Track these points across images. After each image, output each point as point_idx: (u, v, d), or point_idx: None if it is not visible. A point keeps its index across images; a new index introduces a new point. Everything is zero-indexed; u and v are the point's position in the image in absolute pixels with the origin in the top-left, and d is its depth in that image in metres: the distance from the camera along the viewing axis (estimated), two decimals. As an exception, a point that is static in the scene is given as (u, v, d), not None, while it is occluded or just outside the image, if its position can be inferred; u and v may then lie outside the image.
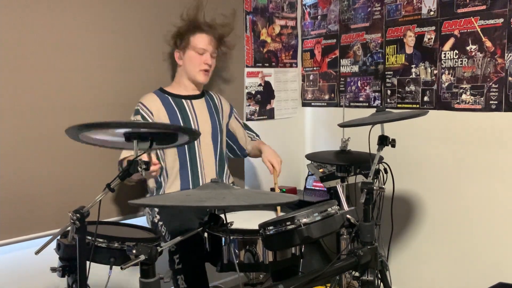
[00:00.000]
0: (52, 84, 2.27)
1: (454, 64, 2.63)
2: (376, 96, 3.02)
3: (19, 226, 2.20)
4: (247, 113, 3.15)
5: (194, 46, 2.41)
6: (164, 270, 1.55)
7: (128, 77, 2.51)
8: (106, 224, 1.96)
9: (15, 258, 2.27)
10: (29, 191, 2.22)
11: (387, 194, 2.28)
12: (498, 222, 2.52)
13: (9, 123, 2.16)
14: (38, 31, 2.22)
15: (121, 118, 2.38)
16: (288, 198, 1.60)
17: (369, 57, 3.04)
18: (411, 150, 2.84)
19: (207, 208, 1.86)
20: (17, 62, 2.17)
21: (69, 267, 1.66)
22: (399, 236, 2.94)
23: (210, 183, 1.59)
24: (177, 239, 1.59)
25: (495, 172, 2.52)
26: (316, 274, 1.61)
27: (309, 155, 2.63)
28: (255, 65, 3.17)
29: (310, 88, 3.44)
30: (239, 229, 1.84)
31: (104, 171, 2.40)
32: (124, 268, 1.40)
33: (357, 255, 1.70)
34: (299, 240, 1.63)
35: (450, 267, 2.74)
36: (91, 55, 2.38)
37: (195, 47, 2.41)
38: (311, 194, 3.13)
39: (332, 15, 3.25)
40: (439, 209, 2.77)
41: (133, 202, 1.52)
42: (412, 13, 2.79)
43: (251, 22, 3.11)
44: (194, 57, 2.41)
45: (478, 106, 2.56)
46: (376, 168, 2.00)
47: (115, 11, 2.45)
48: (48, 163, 2.27)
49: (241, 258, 1.84)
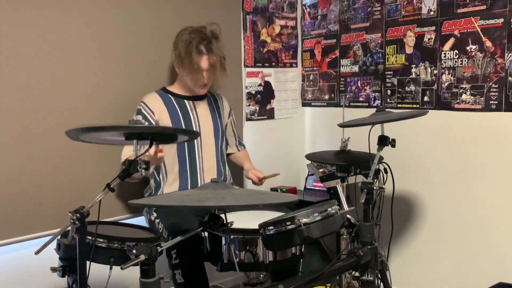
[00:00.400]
0: (53, 84, 2.27)
1: (454, 64, 2.63)
2: (376, 96, 3.02)
3: (19, 226, 2.20)
4: (247, 113, 3.15)
5: (192, 65, 2.32)
6: (164, 270, 1.55)
7: (130, 77, 2.51)
8: (106, 224, 1.96)
9: (15, 258, 2.27)
10: (29, 191, 2.22)
11: (387, 194, 2.28)
12: (498, 222, 2.52)
13: (9, 123, 2.16)
14: (38, 31, 2.21)
15: (123, 118, 2.37)
16: (288, 198, 1.60)
17: (369, 57, 3.04)
18: (411, 150, 2.84)
19: (207, 208, 1.86)
20: (17, 62, 2.17)
21: (69, 267, 1.66)
22: (399, 236, 2.94)
23: (210, 183, 1.59)
24: (177, 239, 1.59)
25: (495, 172, 2.52)
26: (316, 274, 1.61)
27: (309, 155, 2.63)
28: (255, 65, 3.17)
29: (310, 88, 3.44)
30: (239, 229, 1.84)
31: (104, 171, 2.40)
32: (124, 268, 1.40)
33: (357, 255, 1.70)
34: (299, 240, 1.63)
35: (450, 267, 2.74)
36: (92, 54, 2.38)
37: (193, 66, 2.32)
38: (311, 194, 3.13)
39: (332, 15, 3.25)
40: (439, 209, 2.77)
41: (133, 202, 1.52)
42: (412, 13, 2.79)
43: (251, 22, 3.11)
44: (191, 74, 2.35)
45: (478, 106, 2.56)
46: (376, 168, 2.00)
47: (116, 10, 2.45)
48: (48, 163, 2.27)
49: (241, 257, 1.84)
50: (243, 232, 1.84)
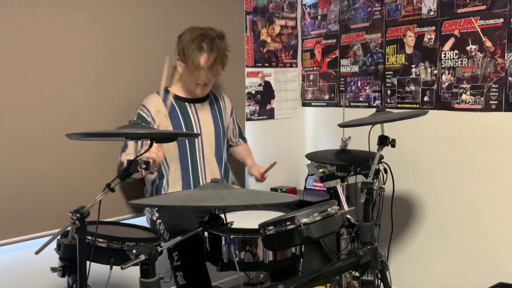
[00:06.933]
0: (53, 84, 2.27)
1: (454, 64, 2.63)
2: (376, 96, 3.02)
3: (19, 226, 2.20)
4: (247, 113, 3.15)
5: (192, 62, 2.32)
6: (164, 270, 1.55)
7: (131, 77, 2.51)
8: (106, 224, 1.96)
9: (15, 258, 2.27)
10: (29, 191, 2.22)
11: (387, 194, 2.27)
12: (498, 222, 2.52)
13: (9, 123, 2.16)
14: (39, 32, 2.21)
15: (124, 117, 2.36)
16: (288, 198, 1.60)
17: (369, 57, 3.04)
18: (411, 150, 2.84)
19: (207, 208, 1.86)
20: (18, 62, 2.17)
21: (69, 267, 1.66)
22: (399, 236, 2.94)
23: (210, 183, 1.59)
24: (177, 239, 1.59)
25: (495, 172, 2.52)
26: (316, 274, 1.62)
27: (309, 155, 2.63)
28: (255, 65, 3.17)
29: (310, 88, 3.44)
30: (239, 229, 1.84)
31: (104, 171, 2.40)
32: (124, 268, 1.40)
33: (357, 255, 1.70)
34: (299, 240, 1.63)
35: (450, 267, 2.74)
36: (94, 54, 2.38)
37: (192, 63, 2.32)
38: (311, 194, 3.13)
39: (332, 15, 3.25)
40: (439, 209, 2.77)
41: (133, 202, 1.53)
42: (412, 13, 2.79)
43: (251, 22, 3.11)
44: (190, 72, 2.36)
45: (478, 106, 2.56)
46: (376, 168, 2.00)
47: (118, 11, 2.45)
48: (48, 163, 2.27)
49: (241, 257, 1.84)
50: (243, 232, 1.84)
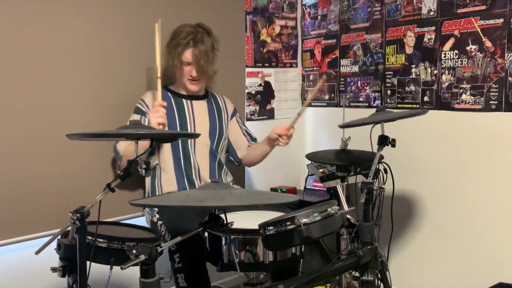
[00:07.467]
0: (53, 84, 2.27)
1: (454, 64, 2.63)
2: (376, 96, 3.02)
3: (19, 226, 2.20)
4: (247, 113, 3.15)
5: (179, 57, 2.36)
6: (164, 270, 1.55)
7: (131, 77, 2.50)
8: (106, 224, 1.96)
9: (15, 258, 2.27)
10: (29, 191, 2.22)
11: (387, 194, 2.28)
12: (498, 222, 2.52)
13: (9, 123, 2.15)
14: (39, 32, 2.21)
15: (124, 119, 2.37)
16: (288, 198, 1.60)
17: (369, 57, 3.04)
18: (411, 150, 2.84)
19: (207, 208, 1.86)
20: (17, 62, 2.17)
21: (69, 267, 1.66)
22: (399, 236, 2.94)
23: (210, 183, 1.59)
24: (177, 239, 1.59)
25: (495, 172, 2.52)
26: (316, 274, 1.61)
27: (309, 155, 2.63)
28: (255, 65, 3.17)
29: (310, 88, 3.44)
30: (239, 229, 1.84)
31: (104, 171, 2.40)
32: (124, 268, 1.40)
33: (357, 255, 1.70)
34: (299, 240, 1.63)
35: (450, 267, 2.74)
36: (93, 54, 2.38)
37: (179, 58, 2.36)
38: (311, 194, 3.13)
39: (332, 15, 3.25)
40: (439, 209, 2.77)
41: (133, 202, 1.52)
42: (412, 13, 2.79)
43: (251, 22, 3.11)
44: (179, 67, 2.39)
45: (478, 106, 2.56)
46: (376, 168, 2.00)
47: (117, 10, 2.44)
48: (48, 163, 2.27)
49: (241, 257, 1.84)
50: (243, 232, 1.83)
